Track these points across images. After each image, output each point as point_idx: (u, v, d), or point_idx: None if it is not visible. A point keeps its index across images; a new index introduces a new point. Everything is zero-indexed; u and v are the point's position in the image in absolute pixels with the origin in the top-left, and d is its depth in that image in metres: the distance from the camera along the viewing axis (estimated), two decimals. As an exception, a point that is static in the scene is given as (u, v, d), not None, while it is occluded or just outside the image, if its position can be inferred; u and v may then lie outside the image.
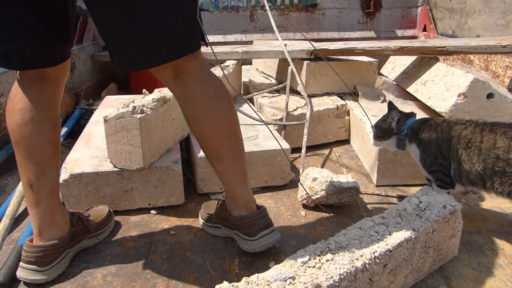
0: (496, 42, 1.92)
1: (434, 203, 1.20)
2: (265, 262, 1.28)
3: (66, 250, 1.25)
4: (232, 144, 1.23)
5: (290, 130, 2.09)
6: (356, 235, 1.07)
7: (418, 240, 1.10)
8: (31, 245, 1.19)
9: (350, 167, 1.96)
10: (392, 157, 1.72)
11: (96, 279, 1.22)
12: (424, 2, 3.63)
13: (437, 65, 2.07)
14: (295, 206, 1.62)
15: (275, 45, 2.58)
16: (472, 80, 1.70)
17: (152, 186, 1.54)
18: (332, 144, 2.23)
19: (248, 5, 3.61)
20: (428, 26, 3.55)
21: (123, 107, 1.46)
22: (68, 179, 1.47)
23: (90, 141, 1.78)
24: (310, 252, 1.00)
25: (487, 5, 2.71)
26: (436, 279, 1.19)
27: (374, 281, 1.02)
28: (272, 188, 1.75)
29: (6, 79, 2.21)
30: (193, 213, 1.57)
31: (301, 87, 2.20)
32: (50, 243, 1.20)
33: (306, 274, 0.93)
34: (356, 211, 1.58)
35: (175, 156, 1.63)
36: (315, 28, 3.72)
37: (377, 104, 2.18)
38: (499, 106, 1.73)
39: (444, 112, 1.75)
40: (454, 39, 2.50)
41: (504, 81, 2.31)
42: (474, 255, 1.30)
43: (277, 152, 1.70)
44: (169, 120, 1.66)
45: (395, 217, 1.15)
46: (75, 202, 1.51)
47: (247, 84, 2.68)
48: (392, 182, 1.77)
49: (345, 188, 1.53)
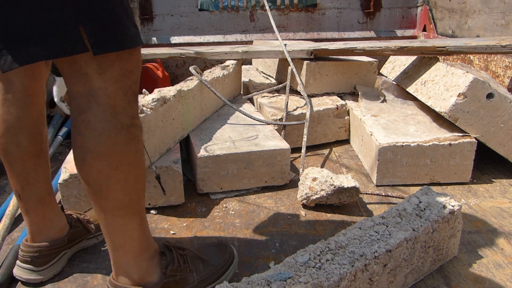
0: (496, 42, 1.92)
1: (434, 203, 1.20)
2: (265, 262, 1.29)
3: (63, 251, 1.25)
4: None
5: (290, 130, 2.09)
6: (356, 235, 1.07)
7: (418, 240, 1.10)
8: (27, 244, 1.18)
9: (350, 167, 1.96)
10: (392, 157, 1.73)
11: (96, 279, 1.22)
12: (424, 2, 3.63)
13: (437, 65, 2.07)
14: (295, 206, 1.62)
15: (275, 45, 2.58)
16: (472, 80, 1.70)
17: (152, 186, 1.54)
18: (332, 144, 2.23)
19: (248, 5, 3.61)
20: (428, 26, 3.55)
21: (123, 107, 1.46)
22: (68, 179, 1.47)
23: (90, 141, 1.78)
24: (310, 252, 1.00)
25: (487, 5, 2.71)
26: (436, 279, 1.19)
27: (374, 281, 1.02)
28: (272, 188, 1.75)
29: (6, 79, 2.21)
30: (193, 213, 1.57)
31: (301, 87, 2.20)
32: (45, 244, 1.19)
33: (306, 274, 0.93)
34: (356, 211, 1.58)
35: (175, 156, 1.63)
36: (315, 28, 3.71)
37: (377, 104, 2.18)
38: (499, 106, 1.73)
39: (444, 112, 1.76)
40: (454, 39, 2.50)
41: (504, 81, 2.30)
42: (474, 255, 1.30)
43: (277, 152, 1.70)
44: (169, 120, 1.66)
45: (395, 217, 1.15)
46: (75, 202, 1.51)
47: (247, 84, 2.68)
48: (392, 182, 1.77)
49: (345, 188, 1.53)
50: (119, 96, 0.85)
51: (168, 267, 1.04)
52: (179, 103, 1.72)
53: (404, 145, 1.71)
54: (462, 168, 1.75)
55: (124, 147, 0.87)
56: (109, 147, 0.85)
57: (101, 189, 0.89)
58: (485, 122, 1.74)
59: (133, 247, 0.98)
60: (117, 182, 0.89)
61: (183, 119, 1.79)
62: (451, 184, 1.77)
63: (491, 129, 1.75)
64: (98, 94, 0.83)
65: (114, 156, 0.86)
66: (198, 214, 1.54)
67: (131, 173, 0.91)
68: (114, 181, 0.88)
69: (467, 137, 1.74)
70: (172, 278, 1.03)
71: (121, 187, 0.90)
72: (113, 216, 0.93)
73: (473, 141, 1.73)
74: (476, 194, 1.69)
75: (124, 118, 0.86)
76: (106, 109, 0.84)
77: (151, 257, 1.02)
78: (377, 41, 2.84)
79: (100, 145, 0.84)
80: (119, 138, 0.86)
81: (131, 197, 0.94)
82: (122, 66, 0.84)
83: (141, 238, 1.00)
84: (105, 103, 0.83)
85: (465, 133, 1.76)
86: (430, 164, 1.75)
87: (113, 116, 0.85)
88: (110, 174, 0.87)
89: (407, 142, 1.72)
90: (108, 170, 0.87)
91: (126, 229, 0.96)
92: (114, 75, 0.83)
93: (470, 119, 1.74)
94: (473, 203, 1.62)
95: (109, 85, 0.83)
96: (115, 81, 0.84)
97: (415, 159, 1.73)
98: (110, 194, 0.90)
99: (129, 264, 0.98)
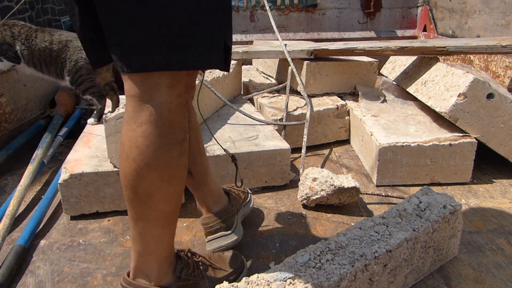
0: (496, 42, 1.92)
1: (434, 203, 1.20)
2: (265, 262, 1.29)
3: (235, 215, 1.33)
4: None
5: (290, 130, 2.09)
6: (356, 235, 1.07)
7: (418, 240, 1.10)
8: (209, 216, 1.27)
9: (350, 167, 1.96)
10: (392, 157, 1.73)
11: (96, 279, 1.22)
12: (424, 2, 3.63)
13: (437, 65, 2.07)
14: (295, 206, 1.62)
15: (275, 45, 2.58)
16: (472, 80, 1.70)
17: (152, 186, 1.54)
18: (332, 144, 2.23)
19: (248, 5, 3.61)
20: (428, 26, 3.55)
21: (123, 107, 1.46)
22: (68, 179, 1.47)
23: (90, 141, 1.78)
24: (310, 252, 1.00)
25: (487, 5, 2.71)
26: (436, 279, 1.19)
27: (374, 281, 1.02)
28: (272, 188, 1.75)
29: (6, 79, 2.22)
30: (193, 213, 1.57)
31: (301, 87, 2.20)
32: (222, 208, 1.29)
33: (306, 274, 0.93)
34: (356, 211, 1.58)
35: (175, 156, 1.63)
36: (315, 28, 3.71)
37: (377, 104, 2.18)
38: (499, 106, 1.73)
39: (444, 112, 1.75)
40: (454, 39, 2.50)
41: (504, 81, 2.30)
42: (474, 255, 1.30)
43: (277, 152, 1.70)
44: (169, 120, 1.66)
45: (395, 217, 1.15)
46: (75, 202, 1.51)
47: (247, 84, 2.68)
48: (392, 182, 1.77)
49: (345, 188, 1.53)
50: (178, 111, 0.86)
51: (183, 271, 1.05)
52: (179, 103, 1.72)
53: (404, 145, 1.71)
54: (462, 168, 1.75)
55: (177, 160, 0.88)
56: (164, 161, 0.86)
57: (149, 200, 0.89)
58: (485, 122, 1.74)
59: (161, 254, 0.99)
60: (166, 194, 0.90)
61: (183, 119, 1.78)
62: (451, 184, 1.77)
63: (491, 129, 1.75)
64: (163, 107, 0.83)
65: (167, 170, 0.87)
66: (198, 214, 1.54)
67: (179, 186, 0.93)
68: (163, 193, 0.90)
69: (467, 137, 1.74)
70: (185, 282, 1.04)
71: (168, 199, 0.92)
72: (152, 225, 0.94)
73: (473, 141, 1.73)
74: (476, 194, 1.69)
75: (179, 132, 0.87)
76: (165, 123, 0.84)
77: (171, 262, 1.04)
78: (377, 41, 2.84)
79: (156, 160, 0.85)
80: (174, 153, 0.87)
81: (173, 209, 0.96)
82: (187, 82, 0.87)
83: (169, 246, 1.02)
84: (166, 116, 0.84)
85: (465, 133, 1.76)
86: (430, 164, 1.75)
87: (171, 130, 0.85)
88: (161, 186, 0.88)
89: (407, 142, 1.72)
90: (160, 182, 0.88)
91: (160, 238, 0.97)
92: (180, 90, 0.85)
93: (470, 119, 1.74)
94: (473, 203, 1.62)
95: (174, 99, 0.84)
96: (179, 96, 0.85)
97: (415, 159, 1.73)
98: (156, 205, 0.91)
99: (152, 269, 0.99)
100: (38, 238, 1.42)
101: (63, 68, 2.00)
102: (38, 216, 1.48)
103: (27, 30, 1.99)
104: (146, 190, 0.88)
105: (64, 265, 1.29)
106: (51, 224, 1.51)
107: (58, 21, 4.86)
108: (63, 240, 1.41)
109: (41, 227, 1.48)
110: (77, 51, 1.98)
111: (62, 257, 1.32)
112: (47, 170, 1.94)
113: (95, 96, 2.06)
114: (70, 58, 1.98)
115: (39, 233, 1.45)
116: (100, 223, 1.51)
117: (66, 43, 1.98)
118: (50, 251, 1.35)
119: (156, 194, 0.89)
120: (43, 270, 1.27)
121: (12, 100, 2.25)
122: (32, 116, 2.42)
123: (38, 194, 1.74)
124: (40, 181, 1.85)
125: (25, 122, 2.36)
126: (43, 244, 1.39)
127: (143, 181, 0.87)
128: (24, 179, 1.64)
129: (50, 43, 1.97)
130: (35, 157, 1.83)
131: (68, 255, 1.34)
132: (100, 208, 1.54)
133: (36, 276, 1.24)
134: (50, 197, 1.61)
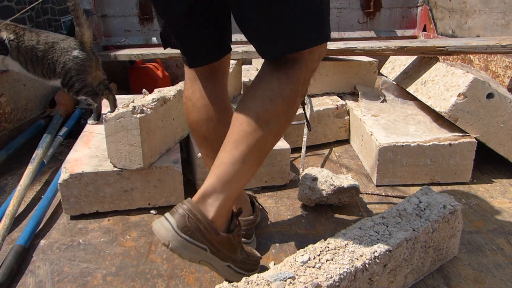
0: (496, 42, 1.92)
1: (434, 203, 1.20)
2: (265, 262, 1.29)
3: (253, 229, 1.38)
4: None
5: (290, 130, 2.09)
6: (356, 235, 1.07)
7: (418, 240, 1.10)
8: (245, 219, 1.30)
9: (350, 167, 1.96)
10: (392, 157, 1.73)
11: (96, 279, 1.22)
12: (424, 2, 3.63)
13: (437, 65, 2.07)
14: (295, 206, 1.62)
15: (275, 45, 2.57)
16: (472, 80, 1.70)
17: (152, 186, 1.54)
18: (332, 144, 2.23)
19: (248, 5, 3.60)
20: (428, 26, 3.55)
21: (123, 107, 1.46)
22: (68, 179, 1.47)
23: (90, 141, 1.78)
24: (310, 252, 1.00)
25: (487, 5, 2.71)
26: (436, 279, 1.19)
27: (374, 281, 1.02)
28: (272, 188, 1.75)
29: (6, 79, 2.22)
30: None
31: (301, 87, 2.20)
32: (250, 218, 1.33)
33: (306, 274, 0.93)
34: (356, 211, 1.58)
35: (175, 156, 1.63)
36: (315, 28, 3.71)
37: (377, 104, 2.18)
38: (499, 106, 1.73)
39: (444, 112, 1.76)
40: (454, 39, 2.50)
41: (504, 81, 2.30)
42: (474, 255, 1.30)
43: (277, 152, 1.70)
44: (169, 120, 1.66)
45: (395, 217, 1.15)
46: (75, 202, 1.51)
47: (247, 84, 2.68)
48: (392, 182, 1.77)
49: (345, 188, 1.53)
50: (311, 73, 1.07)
51: (236, 229, 1.08)
52: (179, 103, 1.72)
53: (404, 145, 1.71)
54: (462, 168, 1.75)
55: (297, 104, 1.07)
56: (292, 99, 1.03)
57: (267, 124, 1.01)
58: (485, 122, 1.74)
59: (234, 191, 1.05)
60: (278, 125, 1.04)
61: (183, 119, 1.78)
62: (451, 184, 1.77)
63: (491, 129, 1.75)
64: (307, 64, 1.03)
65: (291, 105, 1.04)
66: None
67: (287, 123, 1.08)
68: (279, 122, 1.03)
69: (467, 137, 1.74)
70: (230, 237, 1.07)
71: (277, 132, 1.05)
72: (252, 152, 1.02)
73: (473, 141, 1.73)
74: (476, 194, 1.69)
75: (303, 87, 1.06)
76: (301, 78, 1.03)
77: (229, 210, 1.08)
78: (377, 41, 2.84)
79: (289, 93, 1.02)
80: (298, 98, 1.05)
81: (272, 144, 1.07)
82: (321, 52, 1.06)
83: (240, 191, 1.12)
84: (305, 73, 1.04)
85: (465, 133, 1.76)
86: (430, 164, 1.75)
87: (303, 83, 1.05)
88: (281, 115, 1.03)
89: (407, 142, 1.72)
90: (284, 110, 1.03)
91: (250, 168, 1.05)
92: (316, 56, 1.05)
93: (470, 119, 1.74)
94: (473, 203, 1.62)
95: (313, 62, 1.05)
96: (317, 59, 1.07)
97: (415, 159, 1.73)
98: (268, 133, 1.02)
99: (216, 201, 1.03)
100: (38, 238, 1.43)
101: (49, 69, 2.00)
102: (38, 216, 1.48)
103: (14, 27, 2.00)
104: (270, 115, 1.01)
105: (64, 265, 1.29)
106: (51, 224, 1.51)
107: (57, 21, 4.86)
108: (63, 240, 1.41)
109: (41, 227, 1.49)
110: (64, 53, 1.98)
111: (62, 257, 1.32)
112: (47, 170, 1.94)
113: (89, 96, 2.06)
114: (58, 60, 1.98)
115: (39, 233, 1.45)
116: (100, 223, 1.51)
117: (53, 44, 1.98)
118: (50, 251, 1.35)
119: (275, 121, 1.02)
120: (43, 270, 1.27)
121: (12, 100, 2.25)
122: (32, 116, 2.42)
123: (38, 194, 1.74)
124: (40, 181, 1.85)
125: (25, 122, 2.36)
126: (43, 244, 1.39)
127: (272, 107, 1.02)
128: (24, 179, 1.64)
129: (37, 43, 1.98)
130: (35, 157, 1.83)
131: (68, 255, 1.34)
132: (100, 208, 1.54)
133: (36, 276, 1.24)
134: (50, 197, 1.61)
